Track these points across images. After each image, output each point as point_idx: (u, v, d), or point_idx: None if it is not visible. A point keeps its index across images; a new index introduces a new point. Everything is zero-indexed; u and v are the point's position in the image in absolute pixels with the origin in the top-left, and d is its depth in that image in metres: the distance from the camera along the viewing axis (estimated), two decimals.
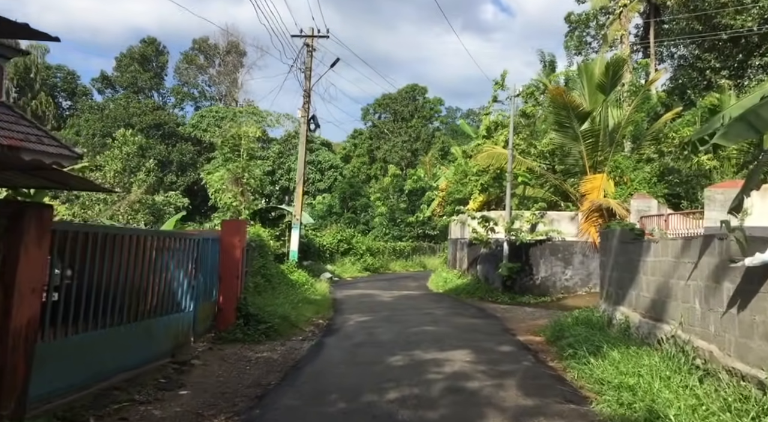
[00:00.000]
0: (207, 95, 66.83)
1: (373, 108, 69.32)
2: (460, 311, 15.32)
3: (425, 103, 69.07)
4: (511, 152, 18.60)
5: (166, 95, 63.20)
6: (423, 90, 68.12)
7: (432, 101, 68.81)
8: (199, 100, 66.18)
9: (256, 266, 15.30)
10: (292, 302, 15.13)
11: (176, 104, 61.70)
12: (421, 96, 68.75)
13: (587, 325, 10.58)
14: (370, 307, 16.23)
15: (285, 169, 57.85)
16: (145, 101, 57.86)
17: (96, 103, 59.59)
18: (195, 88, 66.38)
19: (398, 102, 68.32)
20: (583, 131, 18.58)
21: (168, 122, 56.71)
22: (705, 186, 19.26)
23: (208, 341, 10.54)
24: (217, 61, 67.51)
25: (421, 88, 68.09)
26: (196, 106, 64.54)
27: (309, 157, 59.24)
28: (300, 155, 19.80)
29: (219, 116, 59.53)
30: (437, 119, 70.70)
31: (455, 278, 21.12)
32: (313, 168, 58.35)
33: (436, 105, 69.32)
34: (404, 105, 68.37)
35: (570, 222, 18.26)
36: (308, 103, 19.10)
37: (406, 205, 41.47)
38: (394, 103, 68.34)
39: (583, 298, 17.26)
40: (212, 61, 67.58)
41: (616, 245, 10.51)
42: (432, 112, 69.69)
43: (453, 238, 23.06)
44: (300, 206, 19.39)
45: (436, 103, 69.28)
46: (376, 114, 70.50)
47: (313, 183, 57.18)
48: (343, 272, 26.59)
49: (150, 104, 57.35)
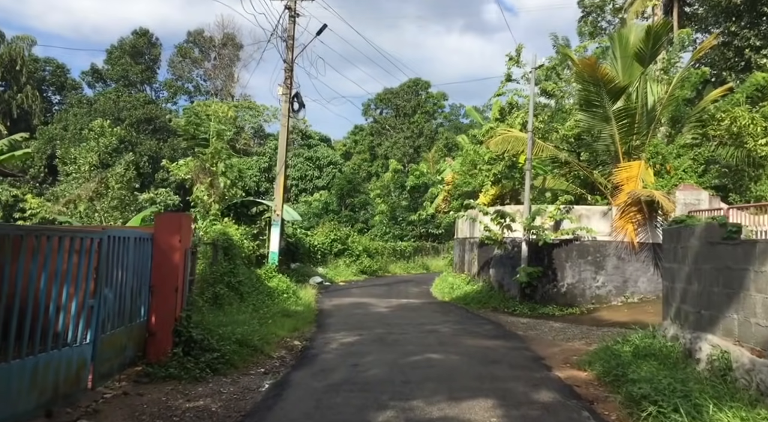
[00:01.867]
0: (202, 90, 63.86)
1: (374, 103, 66.23)
2: (472, 329, 12.21)
3: (428, 98, 66.00)
4: (531, 134, 15.48)
5: (159, 89, 60.23)
6: (426, 84, 64.94)
7: (435, 96, 65.67)
8: (194, 94, 63.19)
9: (220, 271, 12.24)
10: (263, 317, 12.08)
11: (169, 98, 58.69)
12: (424, 91, 65.64)
13: (656, 359, 7.50)
14: (361, 321, 13.16)
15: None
16: (137, 95, 54.87)
17: (85, 97, 56.70)
18: (190, 83, 63.44)
19: (400, 97, 65.27)
20: (615, 111, 15.47)
21: (159, 117, 53.73)
22: (755, 177, 16.10)
23: (128, 379, 7.50)
24: (213, 54, 64.57)
25: (424, 83, 64.89)
26: (190, 100, 61.57)
27: (307, 153, 56.26)
28: (281, 138, 16.76)
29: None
30: (441, 114, 67.59)
31: (463, 283, 18.03)
32: (311, 164, 55.32)
33: (440, 100, 66.18)
34: (406, 100, 65.31)
35: (601, 218, 15.14)
36: (290, 79, 16.07)
37: (408, 202, 38.36)
38: (396, 98, 65.30)
39: (619, 310, 14.13)
40: (207, 55, 64.62)
41: (696, 248, 7.40)
42: (435, 107, 66.60)
43: (460, 237, 19.94)
44: (281, 199, 16.33)
45: (439, 99, 66.13)
46: (378, 109, 67.44)
47: (311, 180, 54.13)
48: (337, 276, 23.51)
49: (141, 98, 54.37)
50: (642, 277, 14.71)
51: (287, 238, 21.74)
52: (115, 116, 51.95)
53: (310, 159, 55.87)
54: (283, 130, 16.56)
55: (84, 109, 53.36)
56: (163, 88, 59.36)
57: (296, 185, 54.54)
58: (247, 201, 17.16)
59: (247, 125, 56.76)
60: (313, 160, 55.94)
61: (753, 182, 16.42)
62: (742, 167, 16.64)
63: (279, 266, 16.97)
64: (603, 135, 16.21)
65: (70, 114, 53.19)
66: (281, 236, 16.63)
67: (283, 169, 16.34)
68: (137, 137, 53.49)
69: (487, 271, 16.94)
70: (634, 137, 15.96)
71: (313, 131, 59.80)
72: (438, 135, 63.69)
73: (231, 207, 17.05)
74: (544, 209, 14.95)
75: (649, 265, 14.70)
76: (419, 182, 37.70)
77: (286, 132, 16.55)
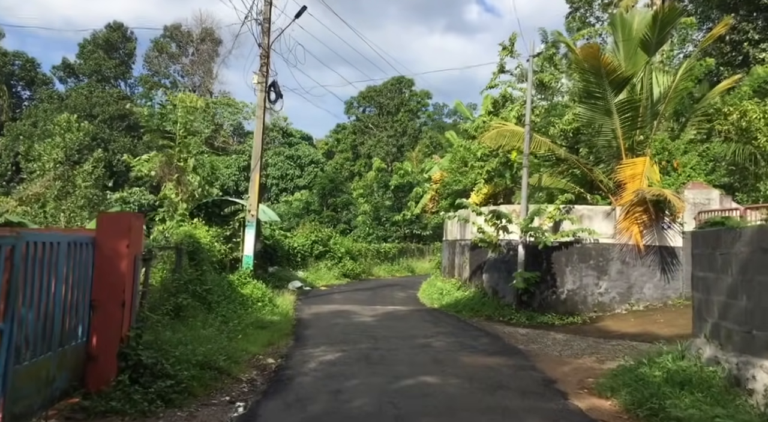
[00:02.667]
0: (179, 86, 61.84)
1: (357, 101, 64.88)
2: (468, 342, 10.92)
3: (412, 96, 64.87)
4: (528, 128, 14.27)
5: (134, 85, 58.15)
6: (409, 82, 63.69)
7: (419, 94, 64.53)
8: (171, 91, 61.19)
9: (184, 279, 10.80)
10: (233, 331, 10.69)
11: (144, 94, 56.66)
12: (407, 89, 64.49)
13: (694, 387, 6.28)
14: (343, 333, 11.80)
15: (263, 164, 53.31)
16: (110, 90, 52.80)
17: (56, 93, 54.49)
18: (166, 79, 61.43)
19: (383, 95, 64.03)
20: (618, 103, 14.32)
21: (134, 113, 51.70)
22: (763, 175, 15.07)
23: (58, 416, 6.12)
24: (191, 50, 62.66)
25: (407, 81, 63.62)
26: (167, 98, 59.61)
27: (288, 151, 54.69)
28: (257, 131, 15.31)
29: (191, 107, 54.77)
30: (425, 113, 66.47)
31: (453, 289, 16.76)
32: (292, 163, 53.80)
33: (424, 99, 65.03)
34: (390, 98, 64.11)
35: (604, 219, 13.97)
36: (267, 66, 14.64)
37: (392, 202, 37.06)
38: (379, 96, 64.05)
39: (625, 319, 12.96)
40: (185, 50, 62.69)
41: (746, 255, 6.19)
42: (419, 105, 65.49)
43: (450, 239, 18.66)
44: (256, 198, 14.88)
45: (423, 97, 64.97)
46: (360, 107, 66.14)
47: (292, 179, 52.61)
48: (318, 280, 22.09)
49: (115, 94, 52.33)
50: (648, 283, 13.57)
51: (264, 240, 20.31)
52: (87, 111, 49.90)
53: (290, 158, 54.34)
54: (258, 122, 15.13)
55: (55, 104, 51.20)
56: (138, 84, 57.26)
57: (276, 184, 52.96)
58: (219, 200, 15.69)
59: (225, 123, 55.03)
60: (294, 158, 54.42)
61: (760, 181, 15.41)
62: (747, 165, 15.61)
63: (254, 270, 15.55)
64: (604, 130, 15.07)
65: (40, 110, 50.98)
66: (257, 238, 15.19)
67: (258, 164, 14.89)
68: (110, 133, 51.51)
69: (480, 276, 15.69)
70: (637, 132, 14.84)
71: (294, 129, 58.27)
72: (422, 134, 62.64)
73: (202, 207, 15.56)
74: (544, 209, 13.73)
75: (655, 270, 13.57)
76: (403, 182, 36.43)
77: (261, 124, 15.12)
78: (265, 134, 15.35)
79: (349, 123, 65.28)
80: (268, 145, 56.42)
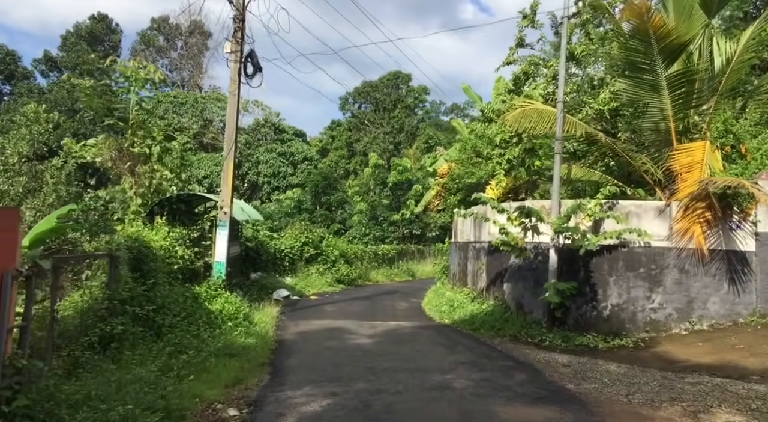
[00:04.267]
0: (167, 81, 58.93)
1: (352, 97, 62.15)
2: (500, 379, 8.19)
3: (409, 92, 62.22)
4: (562, 105, 11.56)
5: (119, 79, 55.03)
6: (407, 78, 61.02)
7: (416, 90, 61.86)
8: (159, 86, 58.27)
9: (120, 298, 8.03)
10: (186, 365, 7.98)
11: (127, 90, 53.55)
12: (404, 84, 61.84)
13: None
14: (335, 364, 9.06)
15: (253, 161, 50.40)
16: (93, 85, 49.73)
17: (37, 87, 51.59)
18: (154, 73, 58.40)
19: (380, 90, 61.39)
20: (670, 77, 11.63)
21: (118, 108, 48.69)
22: None
23: None
24: (180, 43, 59.80)
25: (404, 76, 60.96)
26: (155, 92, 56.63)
27: (280, 148, 51.86)
28: (230, 110, 12.54)
29: (178, 101, 51.84)
30: (422, 109, 63.79)
31: (466, 300, 14.02)
32: (284, 160, 50.99)
33: (421, 94, 62.32)
34: (386, 94, 61.46)
35: (656, 217, 11.27)
36: (242, 31, 11.91)
37: (390, 200, 34.28)
38: (375, 92, 61.40)
39: (688, 343, 10.25)
40: (174, 44, 59.82)
41: None
42: (416, 101, 62.83)
43: (461, 241, 15.90)
44: (230, 192, 12.11)
45: (420, 93, 62.29)
46: (356, 104, 63.44)
47: (285, 177, 49.78)
48: (308, 287, 19.31)
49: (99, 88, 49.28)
50: (713, 296, 10.88)
51: (246, 242, 17.55)
52: (69, 106, 46.95)
53: (283, 155, 51.55)
54: (232, 99, 12.39)
55: (35, 98, 48.26)
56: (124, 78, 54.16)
57: (268, 182, 50.14)
58: (187, 196, 12.92)
59: (215, 118, 52.10)
60: (286, 155, 51.64)
61: None
62: None
63: (229, 279, 12.78)
64: (650, 110, 12.38)
65: (19, 104, 48.05)
66: (231, 241, 12.43)
67: (232, 150, 12.12)
68: (92, 128, 48.51)
69: (500, 286, 12.96)
70: (691, 112, 12.16)
71: (287, 125, 55.42)
72: (419, 131, 60.01)
73: (165, 204, 12.79)
74: (585, 204, 11.03)
75: (722, 280, 10.89)
76: (402, 178, 33.68)
77: (236, 102, 12.38)
78: (239, 113, 12.59)
79: (344, 120, 62.58)
80: (259, 141, 53.63)
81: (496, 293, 13.04)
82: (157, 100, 51.32)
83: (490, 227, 13.09)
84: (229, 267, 12.63)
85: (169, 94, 52.18)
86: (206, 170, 48.25)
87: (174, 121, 51.13)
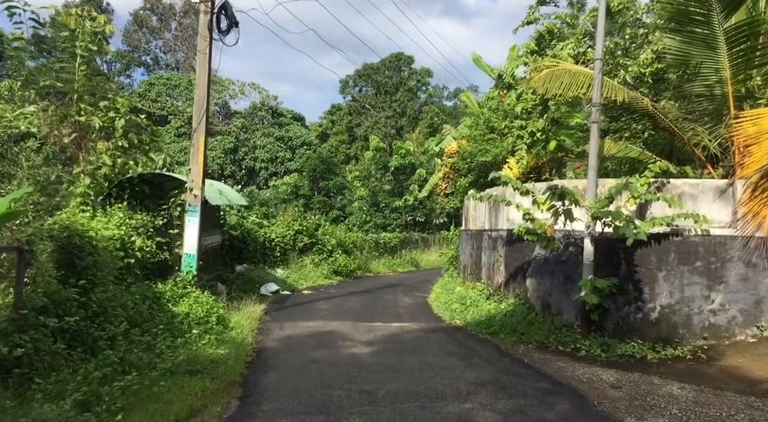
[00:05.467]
0: (161, 63, 56.73)
1: (353, 80, 59.77)
2: (535, 410, 6.18)
3: (411, 75, 59.79)
4: (600, 63, 9.46)
5: (110, 61, 52.85)
6: (409, 60, 58.58)
7: (419, 72, 59.45)
8: (153, 68, 56.06)
9: (34, 305, 6.03)
10: (122, 393, 6.01)
11: (121, 71, 51.53)
12: (406, 67, 59.41)
13: None
14: (322, 386, 7.06)
15: (250, 146, 48.28)
16: None
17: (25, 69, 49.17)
18: (147, 55, 56.24)
19: (381, 73, 59.01)
20: (729, 30, 9.55)
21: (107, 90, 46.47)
22: None
23: None
24: (174, 24, 57.39)
25: (406, 58, 58.52)
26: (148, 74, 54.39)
27: (278, 132, 49.67)
28: (199, 71, 10.45)
29: (171, 83, 49.59)
30: (425, 92, 61.39)
31: (481, 298, 12.00)
32: (282, 145, 48.88)
33: (424, 77, 59.88)
34: (388, 77, 59.08)
35: (715, 200, 9.22)
36: None
37: (392, 186, 32.20)
38: (377, 74, 59.00)
39: (764, 354, 8.25)
40: (168, 25, 57.40)
41: None
42: (419, 84, 60.42)
43: (474, 229, 13.84)
44: (201, 171, 10.03)
45: (423, 75, 59.85)
46: (357, 87, 61.03)
47: (283, 162, 47.71)
48: (301, 280, 17.31)
49: None
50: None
51: (230, 231, 15.53)
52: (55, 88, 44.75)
53: (281, 139, 49.41)
54: (202, 58, 10.30)
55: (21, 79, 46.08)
56: (115, 60, 51.99)
57: (266, 168, 48.06)
58: (151, 175, 10.85)
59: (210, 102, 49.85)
60: (284, 140, 49.52)
61: None
62: None
63: (205, 273, 10.77)
64: (703, 71, 10.28)
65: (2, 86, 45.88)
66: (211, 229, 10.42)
67: (203, 120, 10.05)
68: None
69: (522, 282, 10.93)
70: (755, 72, 10.06)
71: (285, 108, 53.22)
72: (422, 115, 57.75)
73: (126, 185, 10.75)
74: (633, 183, 8.97)
75: None
76: (405, 163, 31.58)
77: (207, 62, 10.30)
78: (210, 75, 10.48)
79: (345, 104, 60.27)
80: (257, 125, 51.42)
81: (516, 290, 11.02)
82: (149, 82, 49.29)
83: (510, 212, 11.05)
84: (202, 260, 10.61)
85: (162, 77, 49.90)
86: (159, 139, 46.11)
87: (167, 104, 49.12)
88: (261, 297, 14.37)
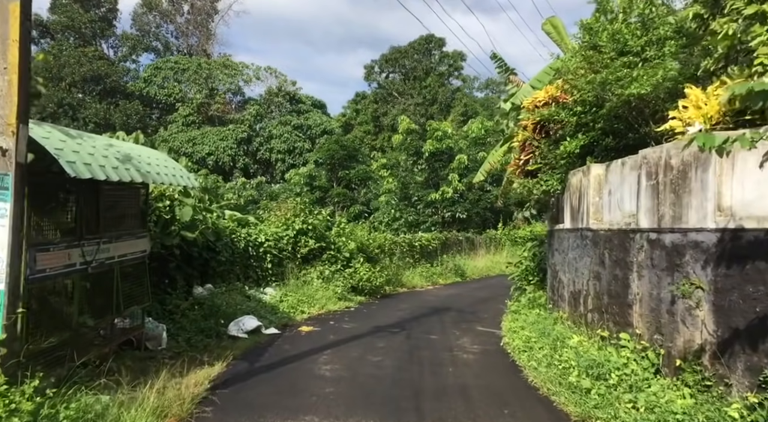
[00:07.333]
0: (173, 48, 51.49)
1: (378, 65, 53.60)
2: None
3: (443, 58, 53.22)
4: None
5: (117, 46, 47.81)
6: (440, 42, 52.01)
7: (452, 55, 52.77)
8: (164, 54, 50.82)
9: None
10: None
11: (127, 55, 46.33)
12: (437, 50, 52.90)
13: None
14: None
15: (265, 136, 42.61)
16: (84, 49, 42.52)
17: None
18: (157, 40, 51.04)
19: (409, 57, 52.71)
20: None
21: (111, 75, 41.35)
22: None
23: None
24: (186, 7, 52.13)
25: (437, 40, 51.96)
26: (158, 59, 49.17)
27: (296, 120, 43.93)
28: None
29: (179, 67, 44.23)
30: (459, 77, 54.69)
31: (644, 371, 5.82)
32: (300, 134, 43.11)
33: (457, 60, 53.16)
34: (417, 61, 52.70)
35: None
36: None
37: (426, 176, 26.06)
38: (405, 59, 52.71)
39: None
40: (179, 7, 52.16)
41: None
42: (451, 69, 53.74)
43: (601, 229, 7.58)
44: (14, 98, 4.20)
45: (456, 58, 53.11)
46: (383, 73, 54.74)
47: (301, 153, 41.94)
48: (302, 304, 11.31)
49: (89, 53, 42.03)
50: None
51: (182, 231, 9.51)
52: (55, 73, 39.83)
53: (299, 128, 43.66)
54: None
55: None
56: (122, 44, 46.87)
57: (283, 159, 42.36)
58: None
59: (221, 87, 44.31)
60: (303, 129, 43.75)
61: None
62: None
63: (41, 335, 4.79)
64: None
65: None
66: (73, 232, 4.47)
67: None
68: (82, 99, 41.39)
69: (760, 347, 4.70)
70: None
71: (304, 95, 47.37)
72: (455, 101, 51.37)
73: None
74: None
75: None
76: (442, 147, 25.39)
77: None
78: None
79: (370, 91, 54.12)
80: (272, 113, 45.74)
81: (760, 364, 4.75)
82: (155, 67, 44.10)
83: (724, 192, 4.82)
84: (54, 300, 4.69)
85: (170, 60, 44.61)
86: (211, 146, 40.66)
87: (175, 90, 43.87)
88: (229, 342, 8.43)
